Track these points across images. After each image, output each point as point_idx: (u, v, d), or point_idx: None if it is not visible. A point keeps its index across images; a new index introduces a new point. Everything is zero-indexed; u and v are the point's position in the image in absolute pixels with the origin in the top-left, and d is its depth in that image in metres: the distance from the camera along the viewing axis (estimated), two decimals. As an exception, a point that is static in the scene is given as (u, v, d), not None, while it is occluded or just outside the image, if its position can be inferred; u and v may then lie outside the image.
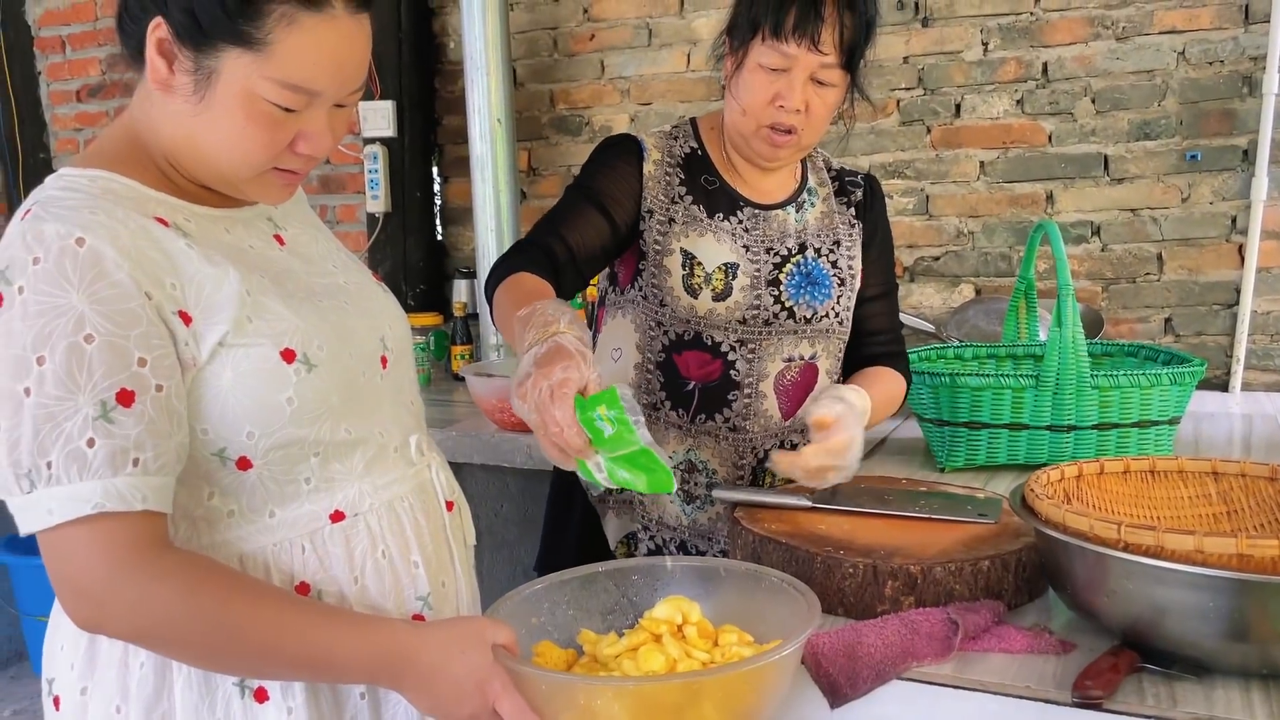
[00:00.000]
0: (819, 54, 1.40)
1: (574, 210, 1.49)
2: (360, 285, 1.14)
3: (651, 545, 1.60)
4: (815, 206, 1.60)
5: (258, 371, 0.95)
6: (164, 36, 0.92)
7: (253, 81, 0.92)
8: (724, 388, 1.53)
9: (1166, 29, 2.46)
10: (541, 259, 1.41)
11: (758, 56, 1.43)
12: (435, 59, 3.33)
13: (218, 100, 0.93)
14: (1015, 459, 1.75)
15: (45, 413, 0.85)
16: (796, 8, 1.38)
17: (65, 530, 0.86)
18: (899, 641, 1.07)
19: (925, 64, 2.69)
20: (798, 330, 1.55)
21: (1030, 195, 2.63)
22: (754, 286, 1.52)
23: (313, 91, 0.94)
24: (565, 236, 1.45)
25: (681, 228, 1.52)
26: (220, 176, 0.98)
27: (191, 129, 0.95)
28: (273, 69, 0.91)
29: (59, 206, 0.90)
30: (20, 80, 3.91)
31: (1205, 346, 2.53)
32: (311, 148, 0.98)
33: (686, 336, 1.53)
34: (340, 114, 1.00)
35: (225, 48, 0.91)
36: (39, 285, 0.86)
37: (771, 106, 1.43)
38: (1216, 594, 0.93)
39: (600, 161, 1.55)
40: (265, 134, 0.94)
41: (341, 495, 1.03)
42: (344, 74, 0.95)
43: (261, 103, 0.93)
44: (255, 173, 0.97)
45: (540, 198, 3.22)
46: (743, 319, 1.52)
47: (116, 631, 0.91)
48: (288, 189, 1.03)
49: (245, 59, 0.91)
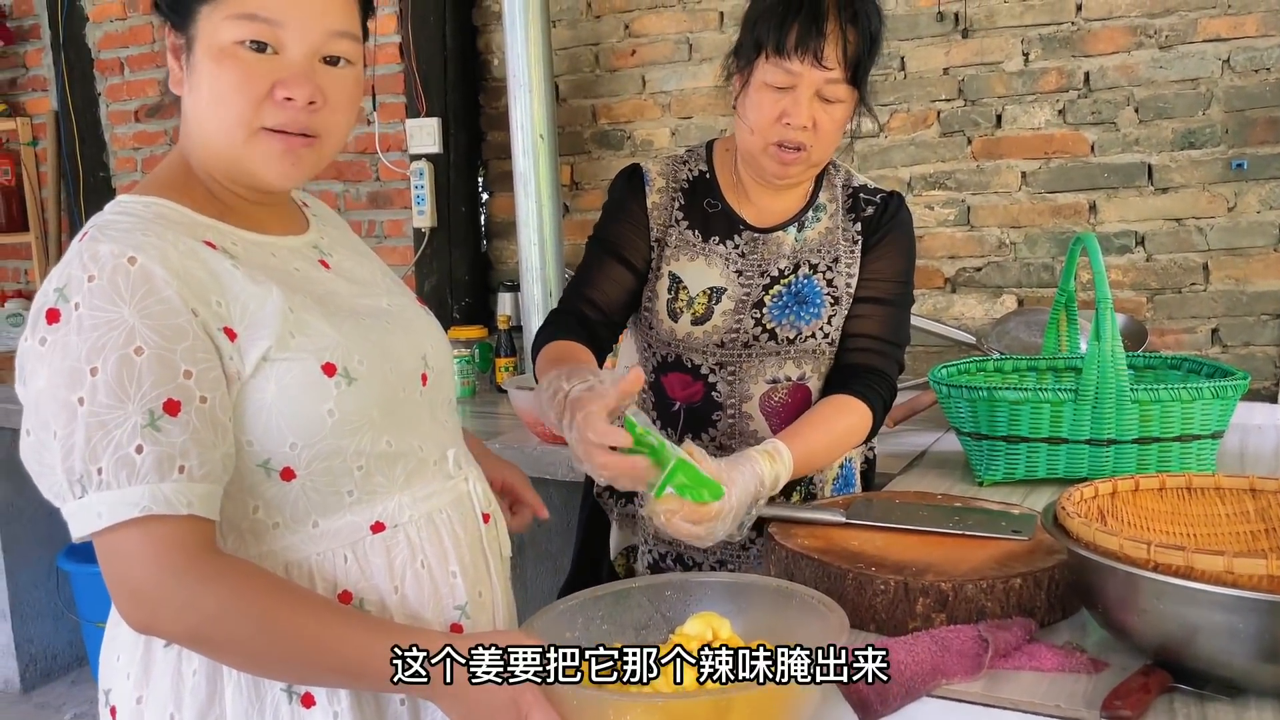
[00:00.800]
0: (823, 69, 1.40)
1: (595, 267, 1.57)
2: (403, 307, 1.18)
3: (650, 558, 1.62)
4: (820, 223, 1.59)
5: (300, 384, 0.99)
6: (172, 40, 0.99)
7: (218, 27, 0.97)
8: (707, 408, 1.57)
9: (1210, 37, 2.44)
10: (574, 324, 1.51)
11: (763, 75, 1.43)
12: (480, 76, 3.38)
13: (198, 63, 0.99)
14: (1054, 473, 1.74)
15: (97, 421, 0.90)
16: (799, 24, 1.39)
17: (116, 533, 0.90)
18: (930, 659, 1.08)
19: (965, 75, 2.69)
20: (780, 351, 1.55)
21: (1073, 205, 2.62)
22: (737, 311, 1.54)
23: (269, 19, 0.97)
24: (591, 297, 1.54)
25: (673, 251, 1.55)
26: (222, 154, 1.02)
27: (193, 112, 1.01)
28: (231, 5, 0.97)
29: (114, 229, 0.96)
30: (81, 101, 4.03)
31: (1254, 358, 2.50)
32: (290, 90, 0.99)
33: (670, 359, 1.58)
34: (331, 73, 1.02)
35: (196, 6, 0.97)
36: (93, 301, 0.91)
37: (778, 124, 1.43)
38: (1247, 615, 0.93)
39: (610, 206, 1.60)
40: (237, 77, 0.98)
41: (382, 507, 1.06)
42: (301, 5, 0.98)
43: (229, 47, 0.97)
44: (246, 132, 0.99)
45: (583, 211, 3.26)
46: (720, 342, 1.54)
47: (168, 632, 0.94)
48: (289, 158, 1.02)
49: (209, 10, 0.97)
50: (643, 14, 3.08)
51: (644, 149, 3.15)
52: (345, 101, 1.05)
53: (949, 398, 1.79)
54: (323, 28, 1.00)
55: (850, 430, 1.51)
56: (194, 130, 1.03)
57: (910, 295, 1.64)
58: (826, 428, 1.47)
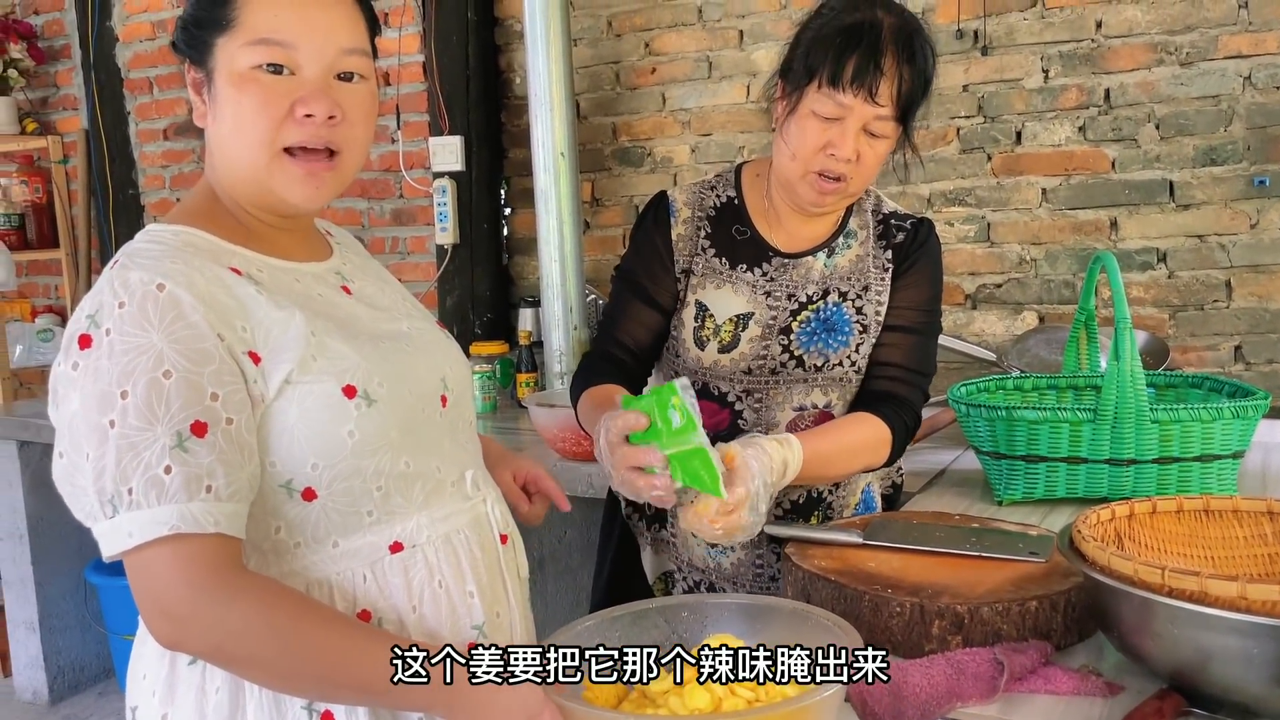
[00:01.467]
0: (875, 106, 1.38)
1: (623, 309, 1.59)
2: (423, 330, 1.20)
3: (685, 585, 1.63)
4: (850, 250, 1.58)
5: (321, 406, 1.01)
6: (193, 75, 1.03)
7: (234, 56, 1.01)
8: (733, 436, 1.54)
9: (1231, 54, 2.44)
10: (607, 369, 1.56)
11: (812, 103, 1.41)
12: (502, 94, 3.42)
13: (218, 93, 1.03)
14: (1074, 492, 1.74)
15: (127, 442, 0.92)
16: (856, 58, 1.37)
17: (146, 551, 0.92)
18: (944, 681, 1.08)
19: (985, 92, 2.70)
20: (807, 379, 1.55)
21: (1094, 222, 2.61)
22: (764, 336, 1.53)
23: (282, 42, 1.01)
24: (620, 340, 1.58)
25: (699, 279, 1.55)
26: (246, 178, 1.05)
27: (217, 141, 1.05)
28: (245, 34, 1.01)
29: (144, 257, 0.99)
30: (111, 120, 4.10)
31: (1277, 375, 2.49)
32: (309, 107, 1.02)
33: (696, 387, 1.56)
34: (347, 88, 1.05)
35: (213, 41, 1.02)
36: (124, 327, 0.94)
37: (822, 154, 1.42)
38: (1261, 640, 0.93)
39: (637, 240, 1.61)
40: (258, 99, 1.01)
41: (401, 527, 1.08)
42: (313, 23, 1.03)
43: (247, 73, 1.01)
44: (268, 153, 1.03)
45: (603, 228, 3.28)
46: (748, 369, 1.54)
47: (195, 648, 0.96)
48: (312, 180, 1.05)
49: (225, 41, 1.02)
50: (663, 32, 3.11)
51: (664, 166, 3.17)
52: (362, 116, 1.08)
53: (968, 416, 1.80)
54: (335, 46, 1.04)
55: (865, 445, 1.50)
56: (220, 158, 1.07)
57: (938, 324, 1.64)
58: (839, 436, 1.48)
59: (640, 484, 1.20)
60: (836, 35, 1.39)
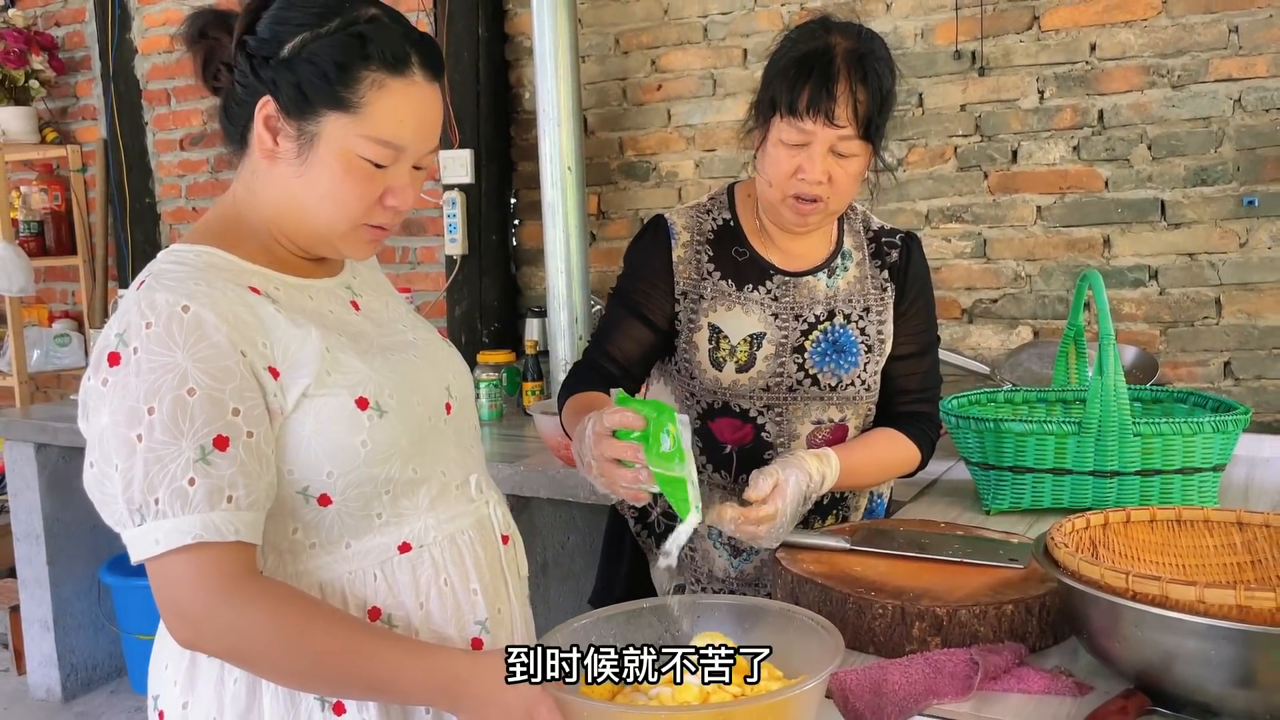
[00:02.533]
0: (836, 128, 1.44)
1: (616, 324, 1.62)
2: (428, 342, 1.27)
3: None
4: (849, 271, 1.63)
5: (336, 418, 1.08)
6: (270, 113, 1.07)
7: (349, 140, 1.06)
8: (759, 449, 1.60)
9: (1222, 77, 2.49)
10: (595, 379, 1.59)
11: (778, 133, 1.48)
12: (511, 109, 3.49)
13: (319, 160, 1.07)
14: (1059, 503, 1.79)
15: (154, 456, 0.98)
16: (810, 87, 1.43)
17: (168, 558, 0.99)
18: (922, 679, 1.13)
19: (982, 111, 2.76)
20: (823, 396, 1.60)
21: (1087, 239, 2.67)
22: (779, 355, 1.58)
23: (399, 146, 1.08)
24: (611, 353, 1.61)
25: (710, 303, 1.59)
26: (318, 234, 1.12)
27: (295, 190, 1.09)
28: (366, 127, 1.06)
29: (168, 278, 1.05)
30: (129, 130, 4.18)
31: (1265, 390, 2.54)
32: (399, 201, 1.11)
33: (716, 406, 1.62)
34: (419, 175, 1.14)
35: (325, 113, 1.06)
36: (150, 346, 1.00)
37: (794, 179, 1.48)
38: (1219, 642, 0.97)
39: (634, 260, 1.65)
40: (360, 188, 1.08)
41: (409, 529, 1.15)
42: (425, 132, 1.10)
43: (356, 159, 1.07)
44: (350, 226, 1.11)
45: (609, 240, 3.35)
46: (766, 386, 1.59)
47: (211, 649, 1.03)
48: (374, 244, 1.16)
49: (343, 121, 1.06)
50: (669, 50, 3.17)
51: (669, 180, 3.24)
52: (418, 197, 1.17)
53: (958, 428, 1.85)
54: (429, 148, 1.12)
55: (896, 462, 1.64)
56: (282, 202, 1.11)
57: (937, 334, 1.74)
58: (875, 451, 1.61)
59: (618, 475, 1.21)
60: (791, 66, 1.46)
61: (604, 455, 1.21)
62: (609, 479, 1.23)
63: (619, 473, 1.21)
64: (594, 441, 1.23)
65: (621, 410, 1.21)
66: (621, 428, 1.20)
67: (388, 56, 1.06)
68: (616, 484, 1.22)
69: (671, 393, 1.68)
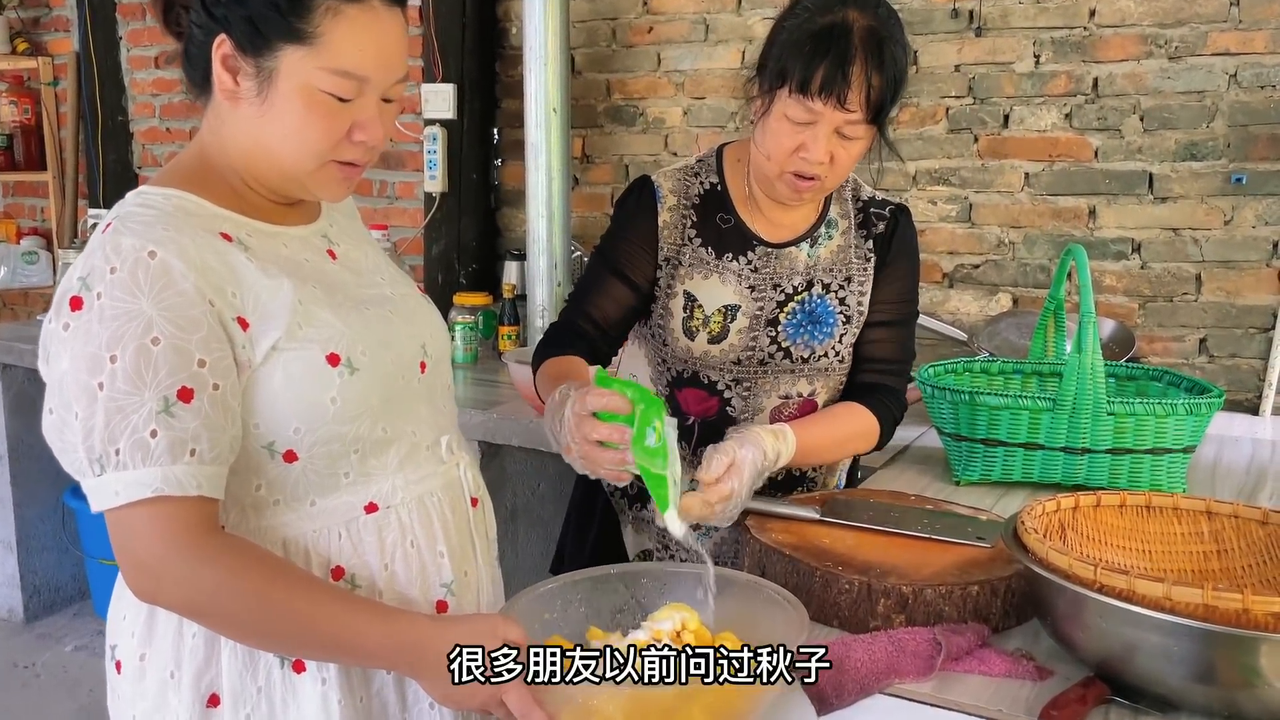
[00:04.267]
0: (845, 111, 1.39)
1: (597, 283, 1.59)
2: (405, 296, 1.23)
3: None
4: (832, 240, 1.60)
5: (305, 374, 1.05)
6: (227, 51, 1.03)
7: (308, 73, 1.02)
8: (721, 423, 1.59)
9: (1219, 51, 2.46)
10: (574, 340, 1.56)
11: (783, 107, 1.42)
12: (498, 43, 3.41)
13: (279, 97, 1.03)
14: (1029, 477, 1.80)
15: (115, 405, 0.96)
16: (825, 68, 1.37)
17: (128, 510, 0.97)
18: (885, 658, 1.14)
19: (976, 73, 2.72)
20: (794, 369, 1.59)
21: (1073, 209, 2.65)
22: (752, 328, 1.56)
23: (361, 77, 1.04)
24: (590, 313, 1.57)
25: (687, 270, 1.57)
26: (286, 173, 1.08)
27: (259, 130, 1.05)
28: (324, 59, 1.02)
29: (135, 222, 1.01)
30: (102, 44, 4.05)
31: (1239, 369, 2.55)
32: (367, 135, 1.07)
33: (685, 375, 1.61)
34: (388, 109, 1.10)
35: (281, 46, 1.02)
36: (114, 293, 0.97)
37: (795, 156, 1.44)
38: (1182, 639, 0.98)
39: (619, 220, 1.61)
40: (324, 123, 1.04)
41: (376, 489, 1.13)
42: (387, 61, 1.05)
43: (318, 93, 1.03)
44: (318, 163, 1.07)
45: (592, 184, 3.30)
46: (737, 360, 1.57)
47: (169, 603, 1.01)
48: (346, 183, 1.11)
49: (299, 54, 1.02)
50: (661, -9, 3.10)
51: (655, 126, 3.18)
52: (391, 131, 1.12)
53: (933, 398, 1.85)
54: (394, 77, 1.07)
55: (854, 434, 1.58)
56: (246, 142, 1.07)
57: (917, 308, 1.69)
58: (833, 428, 1.55)
59: (600, 458, 1.20)
60: (807, 40, 1.39)
61: (587, 437, 1.19)
62: (590, 460, 1.21)
63: (601, 454, 1.19)
64: (575, 423, 1.20)
65: (605, 393, 1.19)
66: (605, 410, 1.18)
67: None
68: (599, 466, 1.21)
69: (645, 357, 1.66)
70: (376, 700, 1.14)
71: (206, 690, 1.08)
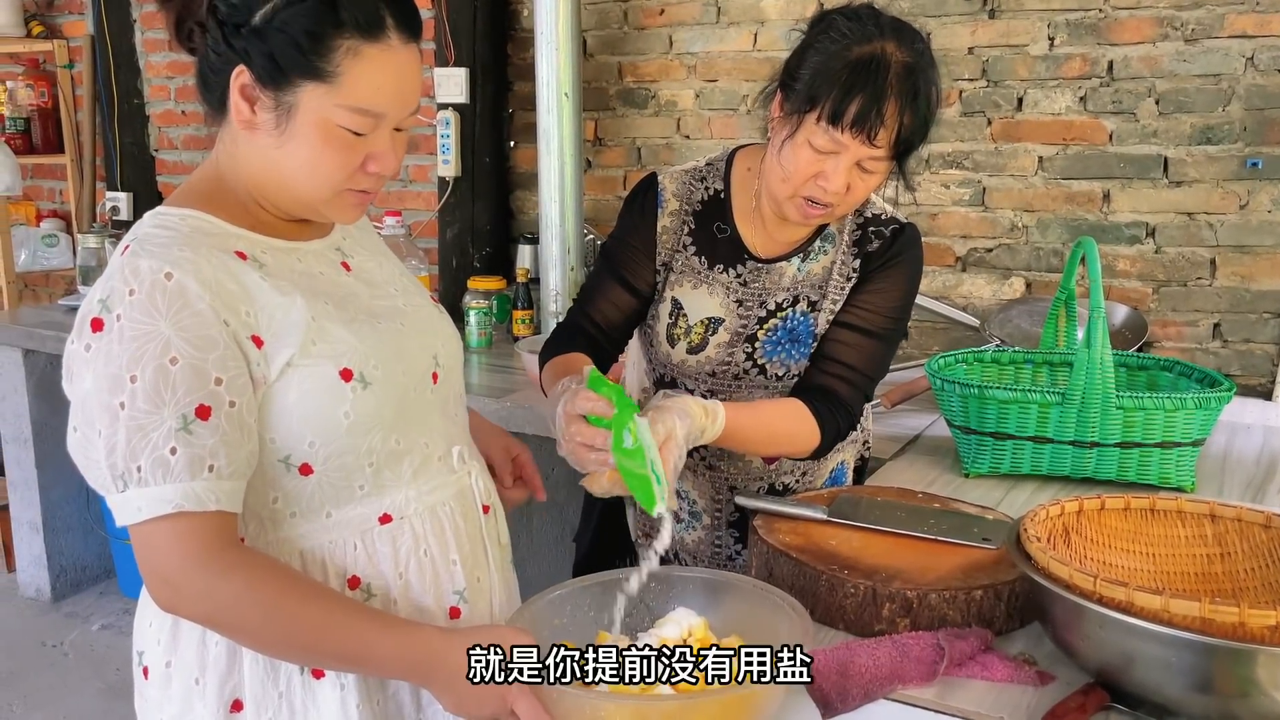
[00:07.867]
0: (872, 147, 1.36)
1: (600, 287, 1.62)
2: (418, 307, 1.25)
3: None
4: (826, 255, 1.58)
5: (319, 389, 1.08)
6: (246, 82, 1.04)
7: (327, 110, 1.04)
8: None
9: (1237, 33, 2.43)
10: (578, 340, 1.58)
11: (808, 134, 1.38)
12: (509, 26, 3.40)
13: (297, 130, 1.05)
14: (1038, 470, 1.81)
15: (136, 424, 0.99)
16: (859, 103, 1.33)
17: (150, 525, 1.00)
18: (889, 663, 1.16)
19: (990, 56, 2.70)
20: (768, 386, 1.60)
21: (1087, 193, 2.64)
22: (731, 343, 1.58)
23: (378, 114, 1.06)
24: (592, 315, 1.60)
25: (677, 276, 1.59)
26: (301, 201, 1.10)
27: (275, 159, 1.07)
28: (343, 96, 1.04)
29: (153, 244, 1.04)
30: (117, 27, 4.06)
31: (1252, 354, 2.54)
32: (380, 167, 1.09)
33: (666, 379, 1.64)
34: (400, 137, 1.12)
35: (301, 83, 1.03)
36: (133, 314, 1.00)
37: (812, 182, 1.41)
38: (1180, 651, 1.00)
39: (623, 221, 1.63)
40: (340, 156, 1.06)
41: (390, 500, 1.16)
42: (404, 97, 1.08)
43: (335, 128, 1.05)
44: (333, 193, 1.09)
45: (605, 168, 3.30)
46: (713, 372, 1.59)
47: (189, 615, 1.05)
48: (359, 208, 1.14)
49: (319, 91, 1.03)
50: (673, -27, 3.08)
51: (668, 109, 3.18)
52: (402, 159, 1.15)
53: (942, 390, 1.86)
54: (408, 112, 1.09)
55: (788, 434, 1.50)
56: (262, 170, 1.09)
57: (901, 331, 1.62)
58: (768, 420, 1.48)
59: (586, 459, 1.22)
60: (844, 70, 1.34)
61: (573, 438, 1.22)
62: (578, 459, 1.24)
63: (587, 455, 1.22)
64: (564, 423, 1.23)
65: (593, 396, 1.20)
66: (592, 414, 1.21)
67: (361, 21, 1.03)
68: (584, 465, 1.25)
69: (639, 351, 1.71)
70: (393, 703, 1.17)
71: (230, 696, 1.11)
